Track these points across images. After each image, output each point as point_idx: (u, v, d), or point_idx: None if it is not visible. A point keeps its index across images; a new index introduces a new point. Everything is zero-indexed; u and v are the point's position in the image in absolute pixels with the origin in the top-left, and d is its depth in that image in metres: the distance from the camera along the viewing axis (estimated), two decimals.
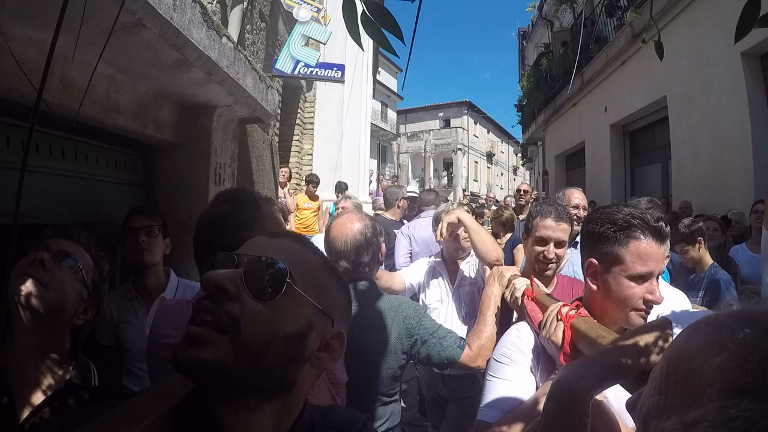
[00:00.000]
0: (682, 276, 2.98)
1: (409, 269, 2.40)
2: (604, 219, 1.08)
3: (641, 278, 1.02)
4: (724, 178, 5.12)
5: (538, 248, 1.69)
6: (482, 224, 4.40)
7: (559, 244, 1.69)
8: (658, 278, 1.05)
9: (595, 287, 1.09)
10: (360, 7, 0.75)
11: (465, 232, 2.13)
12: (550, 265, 1.69)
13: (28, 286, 0.98)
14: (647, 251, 1.02)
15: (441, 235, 2.06)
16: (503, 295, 1.53)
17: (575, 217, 2.25)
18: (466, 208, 2.46)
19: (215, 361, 0.53)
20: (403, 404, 1.79)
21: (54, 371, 1.03)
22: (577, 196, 2.65)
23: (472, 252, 2.14)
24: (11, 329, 0.99)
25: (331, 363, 0.65)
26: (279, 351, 0.57)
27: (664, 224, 1.04)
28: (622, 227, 1.04)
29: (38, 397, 0.98)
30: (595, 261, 1.08)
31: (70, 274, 1.05)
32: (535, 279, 1.42)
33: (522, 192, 4.89)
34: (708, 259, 2.86)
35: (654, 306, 1.03)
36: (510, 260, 2.93)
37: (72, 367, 1.06)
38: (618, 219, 1.05)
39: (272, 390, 0.59)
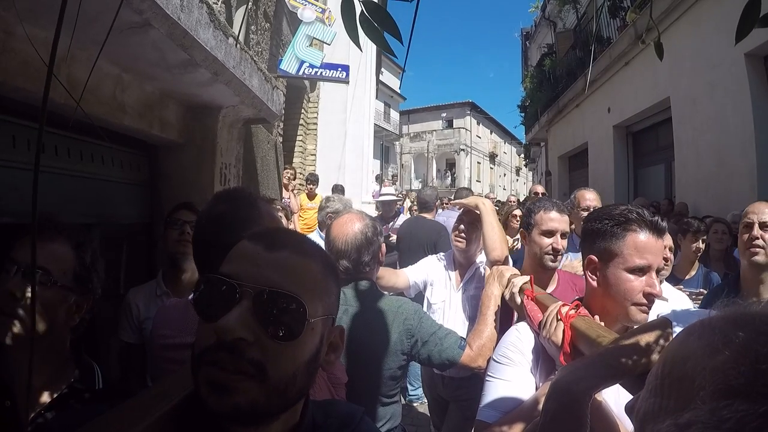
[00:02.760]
0: None
1: (415, 267, 2.38)
2: (602, 216, 1.12)
3: (640, 271, 1.04)
4: (727, 179, 5.09)
5: (547, 240, 1.76)
6: None
7: (563, 234, 1.78)
8: (658, 273, 1.06)
9: (595, 283, 1.11)
10: (359, 8, 0.74)
11: (464, 220, 2.14)
12: (558, 256, 1.77)
13: (9, 325, 0.93)
14: (645, 244, 1.05)
15: (455, 204, 2.33)
16: (503, 294, 1.53)
17: None
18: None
19: (250, 405, 0.53)
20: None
21: (56, 374, 1.01)
22: (588, 197, 2.62)
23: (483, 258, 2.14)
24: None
25: (336, 360, 0.65)
26: (304, 377, 0.58)
27: (660, 219, 1.08)
28: (620, 222, 1.08)
29: (41, 400, 0.97)
30: (594, 257, 1.11)
31: (45, 289, 0.97)
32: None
33: (541, 195, 4.75)
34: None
35: (656, 302, 1.05)
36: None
37: (75, 370, 1.05)
38: (615, 215, 1.09)
39: (294, 404, 0.60)
